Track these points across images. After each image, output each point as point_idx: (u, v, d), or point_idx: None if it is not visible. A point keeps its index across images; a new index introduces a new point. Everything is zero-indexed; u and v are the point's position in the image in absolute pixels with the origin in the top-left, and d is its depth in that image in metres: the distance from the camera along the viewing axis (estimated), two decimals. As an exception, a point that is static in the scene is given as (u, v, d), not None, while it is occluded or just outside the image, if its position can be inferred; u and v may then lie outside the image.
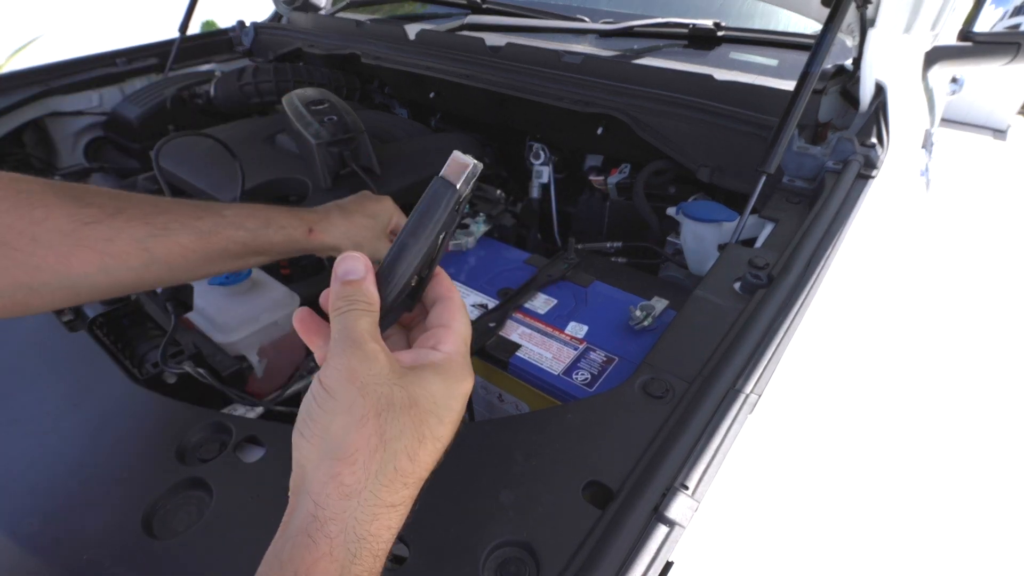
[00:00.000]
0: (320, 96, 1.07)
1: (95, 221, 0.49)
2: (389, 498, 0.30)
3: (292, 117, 1.01)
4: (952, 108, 4.94)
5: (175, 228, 0.54)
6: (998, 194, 3.84)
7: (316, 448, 0.31)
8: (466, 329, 0.39)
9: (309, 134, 0.97)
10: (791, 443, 0.79)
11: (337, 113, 1.03)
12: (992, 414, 2.06)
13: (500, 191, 1.08)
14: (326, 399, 0.31)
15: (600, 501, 0.45)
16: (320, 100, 1.05)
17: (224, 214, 0.59)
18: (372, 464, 0.30)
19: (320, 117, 1.01)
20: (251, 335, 0.79)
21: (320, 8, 1.80)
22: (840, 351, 0.93)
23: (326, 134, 0.98)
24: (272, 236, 0.62)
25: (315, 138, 0.96)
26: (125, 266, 0.51)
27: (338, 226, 0.69)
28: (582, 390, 0.69)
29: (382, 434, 0.30)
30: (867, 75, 0.90)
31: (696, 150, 1.03)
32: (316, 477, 0.30)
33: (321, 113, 1.02)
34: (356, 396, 0.31)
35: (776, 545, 0.92)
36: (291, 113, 1.02)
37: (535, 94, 1.17)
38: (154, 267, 0.53)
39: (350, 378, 0.31)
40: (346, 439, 0.30)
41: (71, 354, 0.68)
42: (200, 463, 0.50)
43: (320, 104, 1.04)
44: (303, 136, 0.98)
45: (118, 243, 0.50)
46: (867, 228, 0.85)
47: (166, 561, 0.43)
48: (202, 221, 0.56)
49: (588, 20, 1.38)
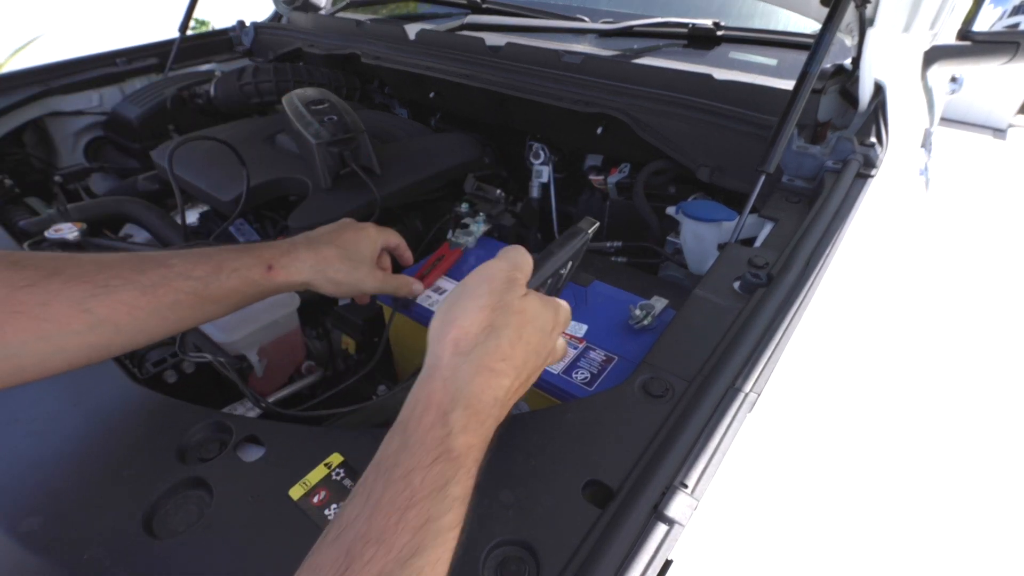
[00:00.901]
0: (320, 96, 1.07)
1: (30, 284, 0.45)
2: (489, 364, 0.41)
3: (292, 117, 1.01)
4: (952, 107, 4.94)
5: (116, 285, 0.49)
6: (998, 194, 3.84)
7: (441, 320, 0.43)
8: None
9: (309, 134, 0.97)
10: (790, 442, 0.79)
11: (337, 113, 1.03)
12: (992, 413, 2.07)
13: (500, 191, 1.08)
14: (462, 286, 0.44)
15: (600, 500, 0.45)
16: (320, 100, 1.05)
17: (170, 264, 0.54)
18: (481, 336, 0.41)
19: (320, 117, 1.01)
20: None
21: (320, 8, 1.80)
22: (839, 350, 0.93)
23: (326, 134, 0.98)
24: (225, 282, 0.56)
25: (315, 138, 0.96)
26: (67, 331, 0.46)
27: (304, 260, 0.63)
28: (582, 389, 0.69)
29: (493, 321, 0.42)
30: (866, 74, 0.90)
31: (696, 150, 1.03)
32: (438, 338, 0.42)
33: (321, 113, 1.02)
34: (484, 289, 0.43)
35: (775, 543, 0.93)
36: (291, 113, 1.02)
37: (535, 94, 1.17)
38: (99, 330, 0.48)
39: (486, 278, 0.44)
40: (466, 315, 0.42)
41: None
42: (200, 463, 0.50)
43: (320, 104, 1.04)
44: (303, 136, 0.98)
45: (55, 306, 0.45)
46: (866, 227, 0.85)
47: (166, 561, 0.43)
48: (145, 275, 0.51)
49: (588, 20, 1.38)
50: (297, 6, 1.76)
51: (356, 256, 0.68)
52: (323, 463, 0.49)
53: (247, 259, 0.59)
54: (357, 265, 0.67)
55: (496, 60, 1.30)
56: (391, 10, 1.86)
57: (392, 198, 1.05)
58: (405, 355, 0.97)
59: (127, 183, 1.27)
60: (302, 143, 1.01)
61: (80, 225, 0.86)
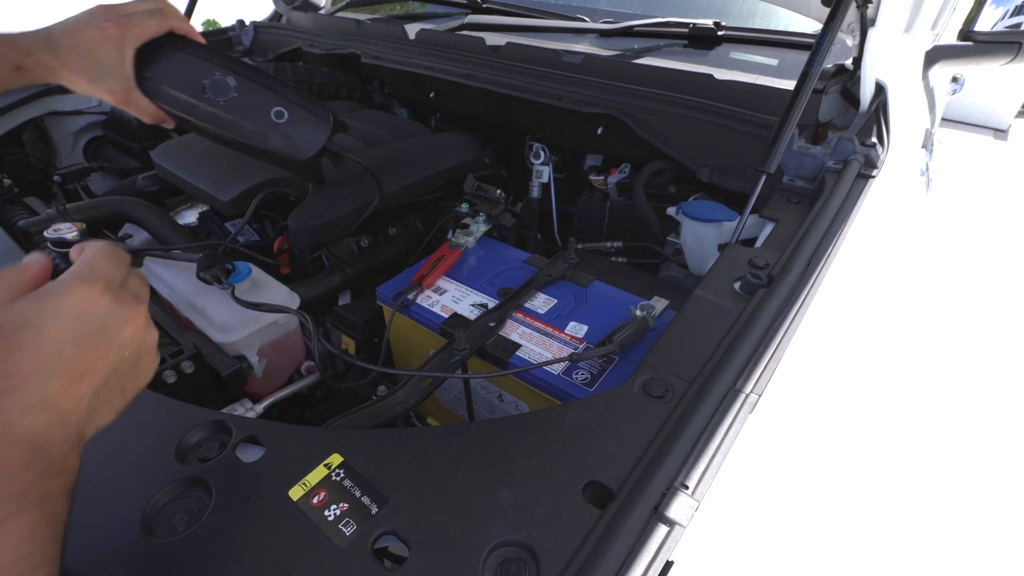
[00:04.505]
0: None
1: None
2: (37, 399, 0.28)
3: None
4: (952, 108, 4.94)
5: None
6: (998, 194, 3.84)
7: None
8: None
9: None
10: (791, 443, 0.79)
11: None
12: (992, 413, 2.06)
13: (500, 191, 1.07)
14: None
15: (600, 501, 0.45)
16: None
17: None
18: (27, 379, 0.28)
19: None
20: (251, 335, 0.79)
21: (320, 8, 1.80)
22: (840, 351, 0.93)
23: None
24: None
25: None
26: None
27: (48, 64, 0.63)
28: (582, 390, 0.69)
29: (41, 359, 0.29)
30: (867, 74, 0.90)
31: (696, 150, 1.03)
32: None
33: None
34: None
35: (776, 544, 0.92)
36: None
37: (535, 94, 1.17)
38: None
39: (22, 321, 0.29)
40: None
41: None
42: (200, 463, 0.50)
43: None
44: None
45: None
46: (867, 228, 0.85)
47: (166, 561, 0.43)
48: None
49: (588, 20, 1.38)
50: (297, 6, 1.76)
51: (97, 67, 0.65)
52: (323, 464, 0.49)
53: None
54: (99, 76, 0.65)
55: (496, 60, 1.30)
56: (391, 10, 1.86)
57: (392, 198, 1.05)
58: (405, 355, 0.97)
59: (127, 183, 1.26)
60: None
61: (80, 225, 0.85)
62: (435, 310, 0.85)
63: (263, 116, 0.76)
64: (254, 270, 0.85)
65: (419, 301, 0.87)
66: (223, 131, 0.75)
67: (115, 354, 0.32)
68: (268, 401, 0.75)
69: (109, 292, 0.33)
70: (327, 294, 0.99)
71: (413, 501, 0.46)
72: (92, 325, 0.32)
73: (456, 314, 0.84)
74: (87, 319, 0.31)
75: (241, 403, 0.71)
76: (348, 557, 0.42)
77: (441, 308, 0.85)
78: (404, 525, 0.44)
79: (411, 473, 0.48)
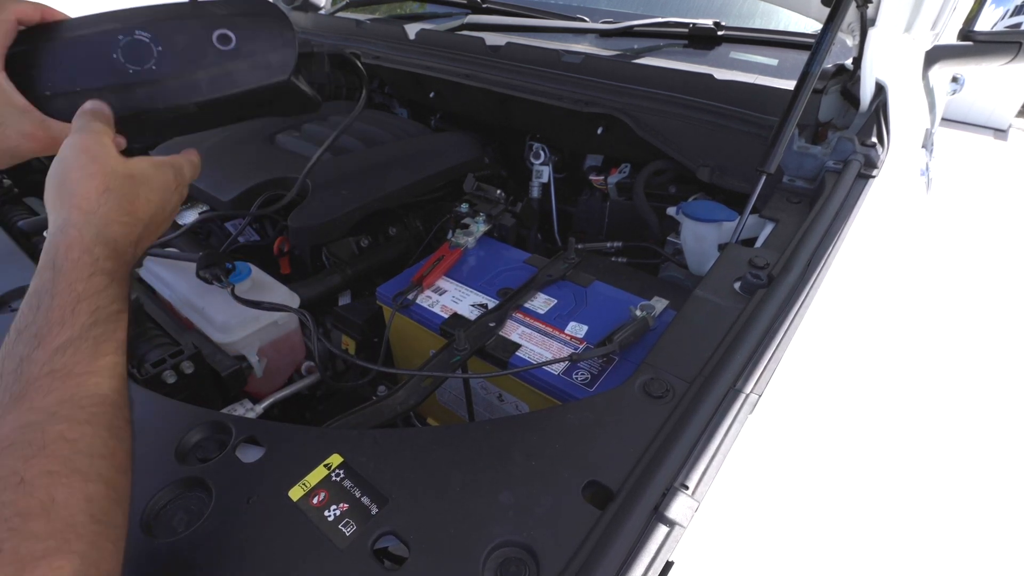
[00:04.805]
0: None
1: None
2: (116, 216, 0.45)
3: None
4: (952, 108, 4.94)
5: None
6: (998, 194, 3.84)
7: (56, 194, 0.45)
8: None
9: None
10: (791, 443, 0.79)
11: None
12: (991, 413, 2.06)
13: (500, 191, 1.07)
14: (62, 163, 0.46)
15: (600, 501, 0.45)
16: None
17: None
18: (102, 196, 0.45)
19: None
20: (251, 335, 0.79)
21: (320, 8, 1.80)
22: (840, 351, 0.93)
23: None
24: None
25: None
26: None
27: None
28: (582, 390, 0.69)
29: (108, 184, 0.45)
30: (867, 74, 0.90)
31: (696, 150, 1.03)
32: (60, 206, 0.44)
33: None
34: (85, 159, 0.45)
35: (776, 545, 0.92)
36: None
37: (535, 94, 1.17)
38: None
39: (80, 149, 0.46)
40: (80, 184, 0.45)
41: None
42: (200, 463, 0.50)
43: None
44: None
45: None
46: (867, 228, 0.85)
47: (166, 561, 0.43)
48: None
49: (588, 20, 1.38)
50: (297, 6, 1.76)
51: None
52: (323, 464, 0.49)
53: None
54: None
55: (496, 60, 1.30)
56: (391, 10, 1.86)
57: (392, 198, 1.05)
58: (405, 355, 0.97)
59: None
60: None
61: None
62: (435, 310, 0.85)
63: (208, 53, 0.56)
64: (254, 270, 0.85)
65: (419, 301, 0.87)
66: (182, 102, 0.56)
67: (167, 211, 0.52)
68: (268, 401, 0.75)
69: (180, 187, 0.53)
70: (327, 294, 0.99)
71: (413, 501, 0.46)
72: (169, 198, 0.51)
73: (456, 314, 0.84)
74: (166, 192, 0.51)
75: (241, 403, 0.71)
76: (348, 557, 0.42)
77: (441, 308, 0.85)
78: (404, 525, 0.44)
79: (411, 473, 0.48)
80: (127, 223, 0.46)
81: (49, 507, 0.32)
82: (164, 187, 0.51)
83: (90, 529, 0.33)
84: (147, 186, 0.49)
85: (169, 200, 0.51)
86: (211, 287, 0.80)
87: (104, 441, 0.37)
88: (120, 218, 0.45)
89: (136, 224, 0.47)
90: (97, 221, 0.44)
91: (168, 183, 0.51)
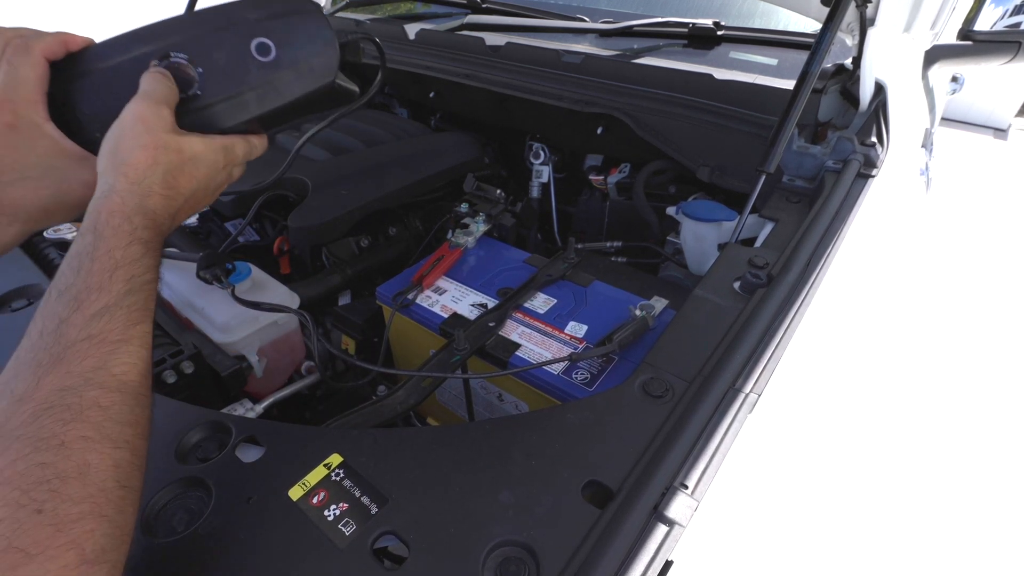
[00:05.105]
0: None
1: None
2: (158, 189, 0.46)
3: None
4: (952, 107, 4.94)
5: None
6: (998, 194, 3.84)
7: (110, 158, 0.46)
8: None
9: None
10: (790, 442, 0.79)
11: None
12: (991, 413, 2.06)
13: (500, 191, 1.07)
14: (120, 127, 0.47)
15: (600, 501, 0.45)
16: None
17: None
18: (149, 169, 0.46)
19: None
20: (251, 335, 0.79)
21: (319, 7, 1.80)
22: (839, 350, 0.93)
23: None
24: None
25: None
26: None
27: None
28: (582, 390, 0.69)
29: (156, 158, 0.46)
30: (867, 74, 0.90)
31: (696, 149, 1.03)
32: (109, 171, 0.46)
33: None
34: (141, 129, 0.46)
35: (775, 544, 0.93)
36: None
37: (535, 94, 1.17)
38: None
39: (139, 119, 0.47)
40: (132, 153, 0.46)
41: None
42: (200, 463, 0.50)
43: None
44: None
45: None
46: (867, 227, 0.85)
47: (166, 561, 0.43)
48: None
49: (588, 20, 1.38)
50: (297, 6, 1.75)
51: (49, 175, 0.50)
52: (322, 463, 0.49)
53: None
54: (57, 183, 0.50)
55: (496, 60, 1.30)
56: (391, 10, 1.86)
57: (392, 198, 1.05)
58: (405, 355, 0.97)
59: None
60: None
61: (80, 225, 0.85)
62: (435, 310, 0.85)
63: (250, 68, 0.53)
64: (254, 270, 0.85)
65: (419, 301, 0.87)
66: (230, 124, 0.54)
67: (210, 188, 0.53)
68: (268, 401, 0.75)
69: (229, 166, 0.54)
70: (327, 294, 0.99)
71: (413, 501, 0.46)
72: (214, 176, 0.52)
73: (456, 314, 0.84)
74: (212, 169, 0.51)
75: (241, 403, 0.71)
76: (348, 557, 0.42)
77: (441, 308, 0.85)
78: (404, 525, 0.44)
79: (411, 473, 0.48)
80: (168, 196, 0.47)
81: (84, 471, 0.34)
82: (211, 165, 0.51)
83: (117, 494, 0.35)
84: (193, 163, 0.49)
85: (214, 179, 0.52)
86: (211, 287, 0.80)
87: (131, 408, 0.39)
88: (162, 191, 0.47)
89: (177, 198, 0.48)
90: (140, 191, 0.45)
91: (216, 162, 0.52)
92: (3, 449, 0.33)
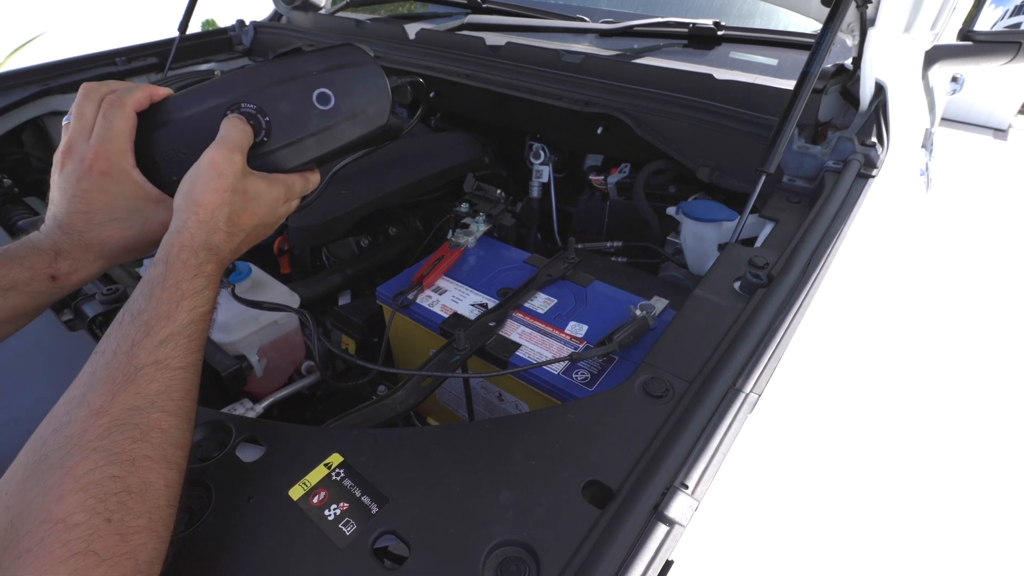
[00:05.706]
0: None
1: None
2: (223, 227, 0.51)
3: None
4: (952, 108, 4.94)
5: None
6: (998, 194, 3.84)
7: (186, 198, 0.50)
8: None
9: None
10: (791, 442, 0.79)
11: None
12: (991, 413, 2.06)
13: (500, 191, 1.08)
14: (198, 170, 0.51)
15: (600, 500, 0.45)
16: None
17: None
18: (217, 209, 0.50)
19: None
20: (251, 335, 0.79)
21: (320, 7, 1.80)
22: (840, 350, 0.93)
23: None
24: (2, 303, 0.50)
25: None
26: None
27: (79, 259, 0.53)
28: (582, 389, 0.69)
29: (226, 200, 0.51)
30: (867, 74, 0.90)
31: (696, 149, 1.03)
32: (184, 209, 0.50)
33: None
34: (215, 173, 0.51)
35: (775, 544, 0.93)
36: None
37: (535, 94, 1.17)
38: None
39: (217, 166, 0.51)
40: (205, 196, 0.50)
41: (71, 353, 0.68)
42: (200, 462, 0.50)
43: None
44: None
45: None
46: (867, 228, 0.85)
47: (166, 560, 0.43)
48: None
49: (588, 20, 1.38)
50: (297, 5, 1.76)
51: (132, 216, 0.54)
52: (323, 463, 0.49)
53: (20, 273, 0.50)
54: (142, 224, 0.54)
55: (496, 60, 1.30)
56: (391, 9, 1.86)
57: (392, 198, 1.05)
58: (405, 355, 0.97)
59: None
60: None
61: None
62: (435, 310, 0.85)
63: (312, 116, 0.58)
64: (254, 269, 0.85)
65: (419, 301, 0.87)
66: (290, 165, 0.58)
67: (269, 223, 0.58)
68: (268, 401, 0.75)
69: (289, 200, 0.59)
70: (327, 294, 0.99)
71: (413, 501, 0.46)
72: (274, 211, 0.57)
73: (456, 314, 0.84)
74: (273, 206, 0.56)
75: (241, 403, 0.71)
76: (348, 557, 0.42)
77: (441, 308, 0.85)
78: (404, 525, 0.44)
79: (411, 473, 0.48)
80: (231, 233, 0.52)
81: (145, 489, 0.38)
82: (272, 202, 0.56)
83: (166, 512, 0.39)
84: (256, 201, 0.54)
85: (273, 213, 0.57)
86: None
87: (183, 432, 0.42)
88: (226, 228, 0.51)
89: (238, 234, 0.53)
90: (207, 229, 0.50)
91: (277, 199, 0.56)
92: (83, 457, 0.36)
